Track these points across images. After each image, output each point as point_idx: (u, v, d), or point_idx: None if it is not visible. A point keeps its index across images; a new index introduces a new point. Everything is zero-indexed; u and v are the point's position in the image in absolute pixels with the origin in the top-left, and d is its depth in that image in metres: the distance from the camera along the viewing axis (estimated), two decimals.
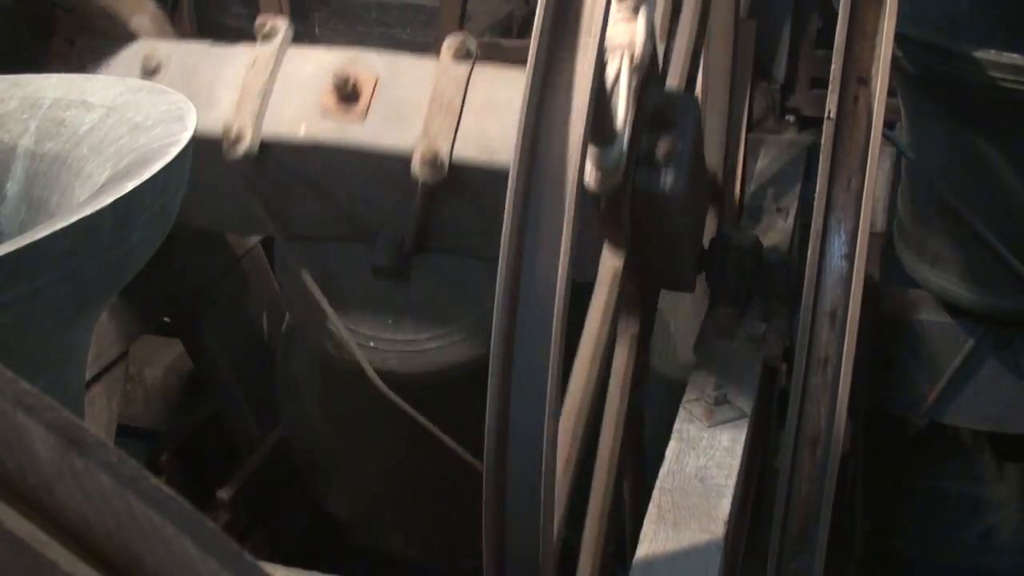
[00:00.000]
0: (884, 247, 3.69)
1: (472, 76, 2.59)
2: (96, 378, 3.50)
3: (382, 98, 2.62)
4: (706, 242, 3.06)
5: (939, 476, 4.16)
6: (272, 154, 2.67)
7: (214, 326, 4.03)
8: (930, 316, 3.39)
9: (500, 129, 2.46)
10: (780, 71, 4.45)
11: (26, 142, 1.63)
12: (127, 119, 1.50)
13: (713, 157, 3.24)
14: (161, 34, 3.09)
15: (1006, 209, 3.05)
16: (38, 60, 4.79)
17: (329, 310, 2.92)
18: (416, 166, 2.52)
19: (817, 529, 2.27)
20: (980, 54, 2.63)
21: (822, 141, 2.23)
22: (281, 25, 2.71)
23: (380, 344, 3.01)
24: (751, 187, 3.93)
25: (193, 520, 0.76)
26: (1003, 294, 3.19)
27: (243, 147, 2.61)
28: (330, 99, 2.61)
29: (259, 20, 2.72)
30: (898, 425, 3.83)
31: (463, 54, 2.60)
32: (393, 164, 2.57)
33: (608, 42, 2.05)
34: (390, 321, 3.01)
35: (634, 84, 2.21)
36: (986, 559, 4.08)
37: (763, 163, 4.12)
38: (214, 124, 2.61)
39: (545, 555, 1.82)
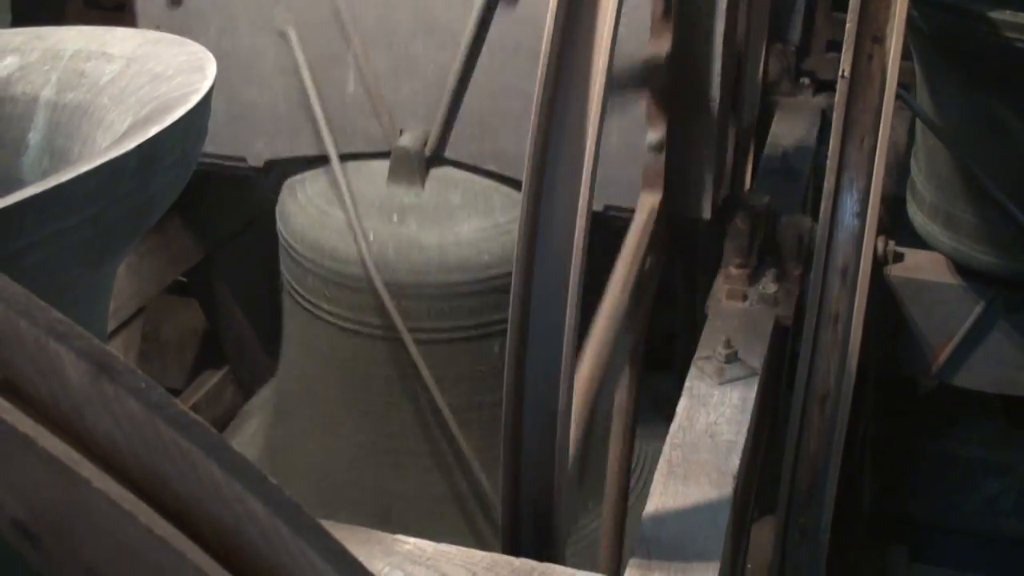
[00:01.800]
0: (897, 209, 3.70)
1: None
2: (114, 333, 3.54)
3: None
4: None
5: (949, 440, 4.18)
6: None
7: (228, 285, 4.06)
8: (942, 278, 3.40)
9: None
10: (795, 34, 4.44)
11: (48, 93, 1.65)
12: (147, 69, 1.52)
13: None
14: None
15: (1020, 170, 3.05)
16: (55, 21, 4.80)
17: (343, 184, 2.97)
18: None
19: (825, 484, 2.30)
20: (996, 14, 2.63)
21: (836, 99, 2.25)
22: None
23: (379, 236, 2.97)
24: (765, 149, 3.93)
25: (219, 445, 0.79)
26: (1015, 256, 3.20)
27: None
28: None
29: None
30: (908, 387, 3.86)
31: None
32: None
33: None
34: (395, 217, 3.00)
35: None
36: (992, 523, 4.11)
37: (777, 126, 4.11)
38: None
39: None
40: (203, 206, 3.78)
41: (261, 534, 0.77)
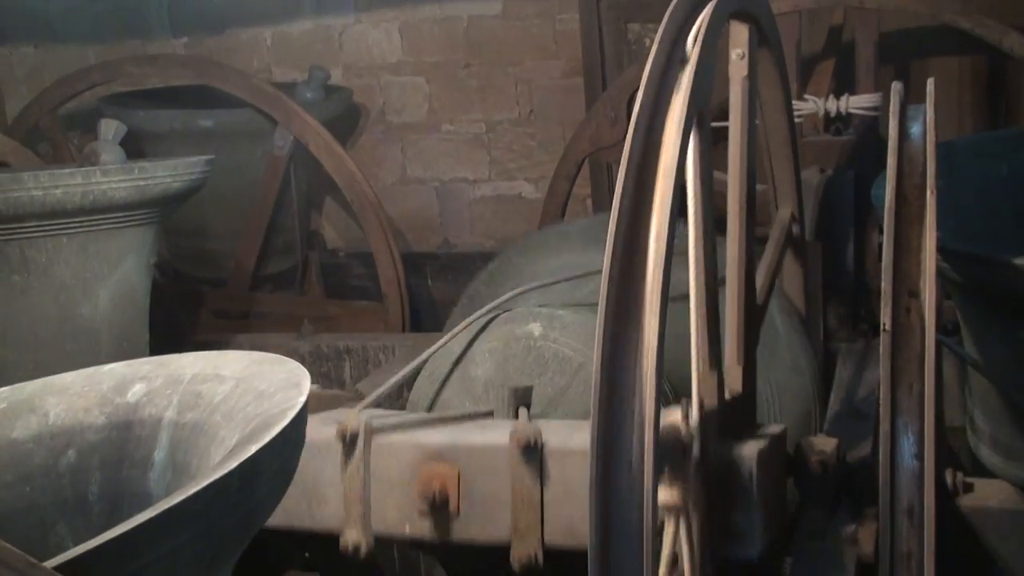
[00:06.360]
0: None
1: (544, 465, 2.76)
2: None
3: (467, 496, 2.84)
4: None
5: None
6: (384, 546, 3.08)
7: None
8: (1013, 506, 3.29)
9: (581, 512, 2.42)
10: (849, 285, 4.48)
11: (170, 414, 1.74)
12: (253, 388, 1.61)
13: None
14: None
15: None
16: (186, 331, 5.03)
17: None
18: (514, 563, 2.76)
19: None
20: (1019, 260, 2.64)
21: (880, 351, 2.26)
22: (357, 426, 2.85)
23: None
24: (831, 394, 3.91)
25: None
26: None
27: (363, 551, 2.89)
28: (424, 504, 2.83)
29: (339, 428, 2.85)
30: None
31: (528, 447, 2.75)
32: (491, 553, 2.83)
33: None
34: None
35: None
36: None
37: (842, 371, 4.09)
38: (328, 521, 2.92)
39: None
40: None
41: None
